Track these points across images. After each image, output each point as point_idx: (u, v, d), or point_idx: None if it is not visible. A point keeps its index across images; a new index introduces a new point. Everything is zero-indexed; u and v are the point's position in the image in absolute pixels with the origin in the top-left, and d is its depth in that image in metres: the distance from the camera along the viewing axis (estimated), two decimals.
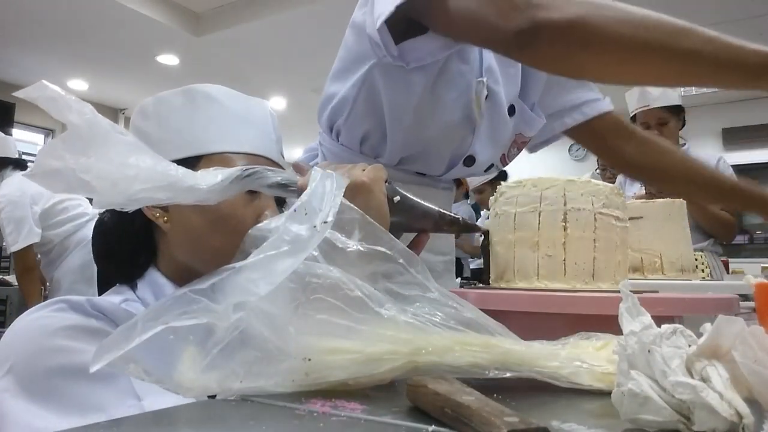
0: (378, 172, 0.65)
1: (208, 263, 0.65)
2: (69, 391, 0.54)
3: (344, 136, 1.08)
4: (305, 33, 4.59)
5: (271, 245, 0.44)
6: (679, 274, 1.14)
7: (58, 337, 0.57)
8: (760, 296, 0.52)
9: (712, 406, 0.30)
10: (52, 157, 0.49)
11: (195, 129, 0.72)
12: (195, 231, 0.70)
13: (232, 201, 0.68)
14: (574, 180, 0.71)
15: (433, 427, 0.35)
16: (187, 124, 0.73)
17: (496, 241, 0.77)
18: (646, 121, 2.48)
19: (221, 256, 0.62)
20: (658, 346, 0.34)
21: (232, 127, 0.73)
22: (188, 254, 0.71)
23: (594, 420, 0.38)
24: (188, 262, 0.71)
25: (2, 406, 0.54)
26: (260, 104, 0.79)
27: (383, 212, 0.64)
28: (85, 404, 0.54)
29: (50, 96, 0.50)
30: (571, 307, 0.62)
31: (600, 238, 0.70)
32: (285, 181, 0.64)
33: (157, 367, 0.41)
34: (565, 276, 0.70)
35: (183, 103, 0.74)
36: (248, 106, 0.76)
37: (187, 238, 0.71)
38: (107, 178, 0.50)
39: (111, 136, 0.52)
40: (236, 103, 0.75)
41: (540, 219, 0.71)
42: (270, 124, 0.78)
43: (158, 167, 0.54)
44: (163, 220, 0.71)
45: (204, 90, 0.74)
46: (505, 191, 0.76)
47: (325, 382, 0.43)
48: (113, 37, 4.92)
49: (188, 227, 0.70)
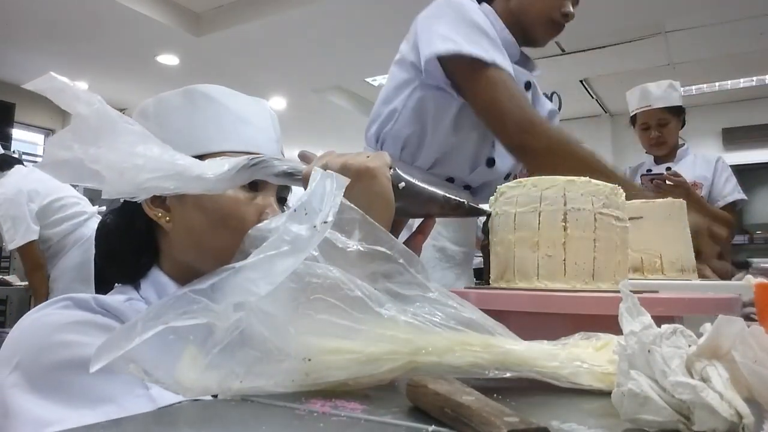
0: (382, 158, 0.65)
1: (210, 263, 0.64)
2: (77, 384, 0.55)
3: (388, 143, 1.33)
4: (305, 33, 4.59)
5: (271, 245, 0.44)
6: (679, 274, 1.14)
7: (64, 332, 0.58)
8: (760, 296, 0.52)
9: (712, 406, 0.30)
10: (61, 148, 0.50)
11: (195, 129, 0.73)
12: (197, 230, 0.70)
13: (233, 199, 0.69)
14: (574, 180, 0.71)
15: (433, 427, 0.35)
16: (187, 124, 0.73)
17: (496, 241, 0.77)
18: (647, 121, 2.48)
19: (223, 255, 0.62)
20: (658, 346, 0.34)
21: (231, 126, 0.74)
22: (190, 254, 0.71)
23: (594, 420, 0.38)
24: (190, 261, 0.71)
25: (13, 401, 0.54)
26: (259, 103, 0.79)
27: (388, 198, 0.64)
28: (94, 396, 0.54)
29: (58, 87, 0.50)
30: (571, 307, 0.62)
31: (600, 238, 0.70)
32: (291, 169, 0.64)
33: (158, 367, 0.41)
34: (565, 276, 0.70)
35: (183, 103, 0.74)
36: (247, 105, 0.77)
37: (189, 237, 0.71)
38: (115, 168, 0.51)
39: (119, 126, 0.53)
40: (235, 103, 0.76)
41: (540, 219, 0.71)
42: (269, 122, 0.79)
43: (165, 156, 0.54)
44: (165, 220, 0.71)
45: (203, 90, 0.75)
46: (505, 191, 0.76)
47: (325, 382, 0.43)
48: (113, 37, 4.92)
49: (190, 227, 0.70)
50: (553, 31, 1.32)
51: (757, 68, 5.50)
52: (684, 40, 4.74)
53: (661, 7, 4.13)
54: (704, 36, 4.65)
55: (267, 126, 0.78)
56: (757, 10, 4.19)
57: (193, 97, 0.74)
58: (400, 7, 4.01)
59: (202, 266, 0.68)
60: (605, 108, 6.39)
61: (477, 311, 0.50)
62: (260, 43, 4.86)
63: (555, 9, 1.28)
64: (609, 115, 6.59)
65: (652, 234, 1.15)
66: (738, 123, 6.50)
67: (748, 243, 6.14)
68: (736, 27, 4.46)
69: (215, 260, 0.63)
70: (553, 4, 1.28)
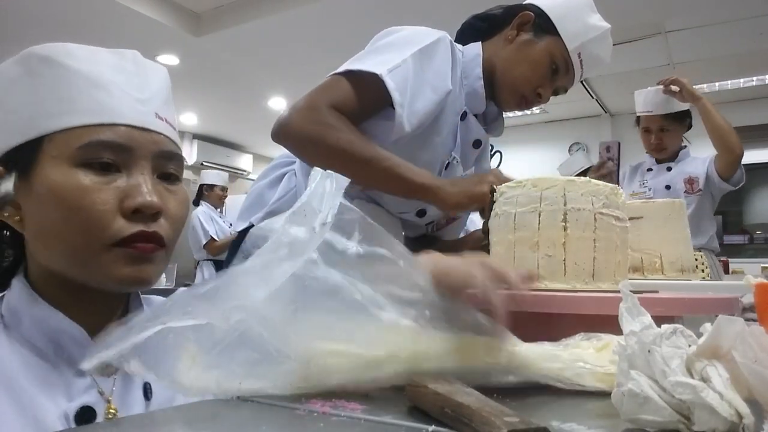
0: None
1: (74, 266, 0.58)
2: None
3: None
4: (305, 33, 4.59)
5: (270, 248, 0.44)
6: (679, 274, 1.14)
7: None
8: (760, 296, 0.52)
9: (713, 406, 0.30)
10: None
11: (33, 104, 0.59)
12: (48, 229, 0.58)
13: (77, 187, 0.57)
14: (574, 180, 0.71)
15: (433, 427, 0.35)
16: (24, 100, 0.59)
17: (496, 241, 0.77)
18: (648, 125, 2.49)
19: (85, 256, 0.57)
20: (658, 346, 0.34)
21: (77, 94, 0.59)
22: (50, 257, 0.60)
23: (594, 420, 0.38)
24: (53, 267, 0.60)
25: None
26: (121, 55, 0.64)
27: None
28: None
29: None
30: (571, 307, 0.62)
31: (600, 238, 0.70)
32: None
33: (158, 366, 0.41)
34: (565, 276, 0.70)
35: (19, 73, 0.60)
36: (105, 64, 0.62)
37: (43, 238, 0.59)
38: None
39: None
40: (84, 63, 0.60)
41: (540, 219, 0.71)
42: (137, 76, 0.63)
43: None
44: (15, 219, 0.60)
45: (42, 54, 0.60)
46: (505, 191, 0.75)
47: (324, 386, 0.43)
48: (113, 37, 4.91)
49: (43, 225, 0.59)
50: (521, 104, 1.21)
51: (757, 68, 5.50)
52: (684, 40, 4.73)
53: (661, 7, 4.13)
54: (704, 36, 4.64)
55: (131, 82, 0.62)
56: (757, 10, 4.19)
57: (31, 65, 0.60)
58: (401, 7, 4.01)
59: (67, 271, 0.59)
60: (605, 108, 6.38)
61: (477, 313, 0.49)
62: (260, 43, 4.86)
63: (531, 85, 1.18)
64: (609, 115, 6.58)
65: (652, 234, 1.15)
66: (738, 123, 6.46)
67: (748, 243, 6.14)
68: (736, 27, 4.46)
69: (77, 263, 0.58)
70: (532, 79, 1.18)
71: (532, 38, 1.18)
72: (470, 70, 1.19)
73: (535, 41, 1.18)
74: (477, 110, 1.21)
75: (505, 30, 1.21)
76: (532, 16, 1.19)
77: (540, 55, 1.17)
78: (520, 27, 1.20)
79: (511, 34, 1.20)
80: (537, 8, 1.20)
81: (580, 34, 1.18)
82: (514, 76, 1.18)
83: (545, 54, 1.17)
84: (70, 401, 0.56)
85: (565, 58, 1.18)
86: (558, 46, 1.17)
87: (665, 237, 1.15)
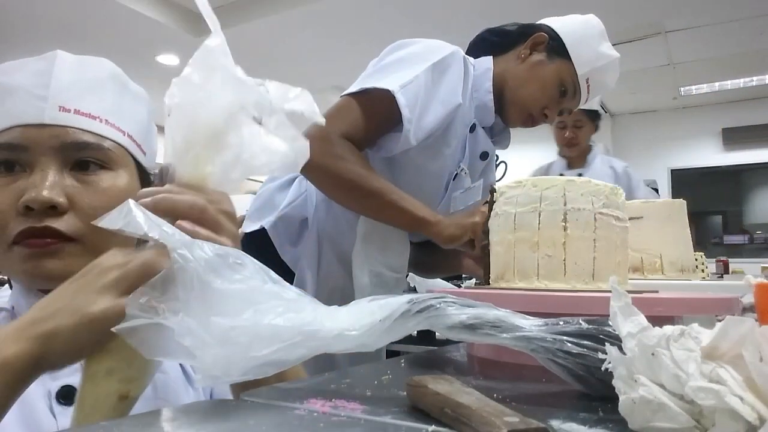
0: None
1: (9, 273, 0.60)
2: None
3: None
4: (305, 33, 4.59)
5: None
6: (679, 274, 1.14)
7: None
8: (760, 296, 0.52)
9: (736, 410, 0.29)
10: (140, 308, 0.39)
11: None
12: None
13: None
14: (574, 180, 0.71)
15: (433, 427, 0.35)
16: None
17: (495, 241, 0.77)
18: (564, 120, 2.58)
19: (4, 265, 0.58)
20: (666, 349, 0.32)
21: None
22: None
23: (594, 420, 0.38)
24: None
25: None
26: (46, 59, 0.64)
27: None
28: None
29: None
30: (571, 307, 0.62)
31: (600, 238, 0.70)
32: (473, 320, 0.43)
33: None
34: (565, 276, 0.70)
35: None
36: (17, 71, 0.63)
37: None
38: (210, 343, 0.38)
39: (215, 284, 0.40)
40: (2, 76, 0.62)
41: (540, 219, 0.71)
42: (45, 75, 0.62)
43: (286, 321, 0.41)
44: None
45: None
46: (505, 191, 0.75)
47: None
48: (113, 37, 4.92)
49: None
50: (527, 122, 1.24)
51: (757, 68, 5.50)
52: (684, 40, 4.74)
53: (661, 7, 4.13)
54: (704, 36, 4.65)
55: (45, 81, 0.61)
56: (757, 10, 4.20)
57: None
58: (401, 7, 4.01)
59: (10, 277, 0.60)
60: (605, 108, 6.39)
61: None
62: (260, 43, 4.86)
63: (539, 104, 1.21)
64: (609, 115, 6.58)
65: (652, 234, 1.15)
66: (738, 123, 6.50)
67: (748, 243, 6.15)
68: (736, 27, 4.46)
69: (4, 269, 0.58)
70: (541, 99, 1.20)
71: (544, 59, 1.21)
72: (480, 84, 1.21)
73: (546, 63, 1.21)
74: (486, 123, 1.23)
75: (519, 48, 1.24)
76: (547, 38, 1.21)
77: (550, 77, 1.20)
78: (534, 47, 1.22)
79: (524, 53, 1.22)
80: (552, 31, 1.22)
81: (591, 60, 1.21)
82: (524, 94, 1.21)
83: (555, 76, 1.20)
84: (54, 381, 0.58)
85: (574, 82, 1.21)
86: (568, 70, 1.21)
87: (665, 237, 1.16)
